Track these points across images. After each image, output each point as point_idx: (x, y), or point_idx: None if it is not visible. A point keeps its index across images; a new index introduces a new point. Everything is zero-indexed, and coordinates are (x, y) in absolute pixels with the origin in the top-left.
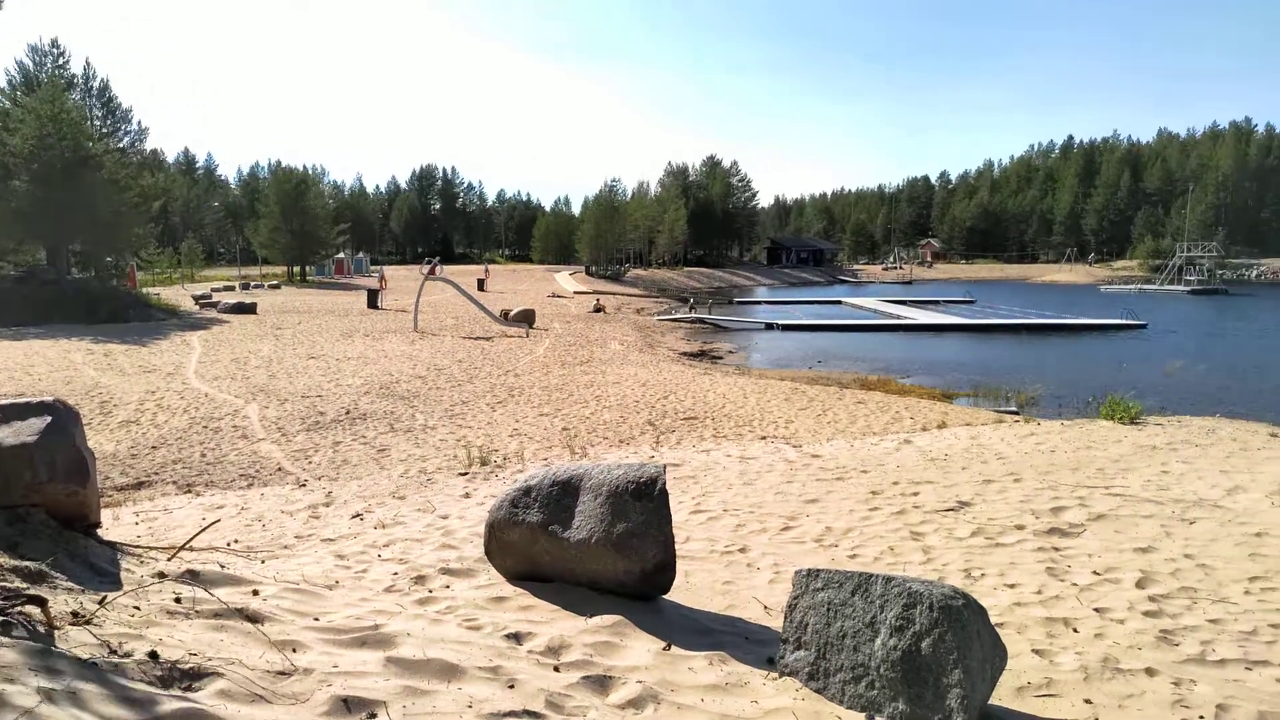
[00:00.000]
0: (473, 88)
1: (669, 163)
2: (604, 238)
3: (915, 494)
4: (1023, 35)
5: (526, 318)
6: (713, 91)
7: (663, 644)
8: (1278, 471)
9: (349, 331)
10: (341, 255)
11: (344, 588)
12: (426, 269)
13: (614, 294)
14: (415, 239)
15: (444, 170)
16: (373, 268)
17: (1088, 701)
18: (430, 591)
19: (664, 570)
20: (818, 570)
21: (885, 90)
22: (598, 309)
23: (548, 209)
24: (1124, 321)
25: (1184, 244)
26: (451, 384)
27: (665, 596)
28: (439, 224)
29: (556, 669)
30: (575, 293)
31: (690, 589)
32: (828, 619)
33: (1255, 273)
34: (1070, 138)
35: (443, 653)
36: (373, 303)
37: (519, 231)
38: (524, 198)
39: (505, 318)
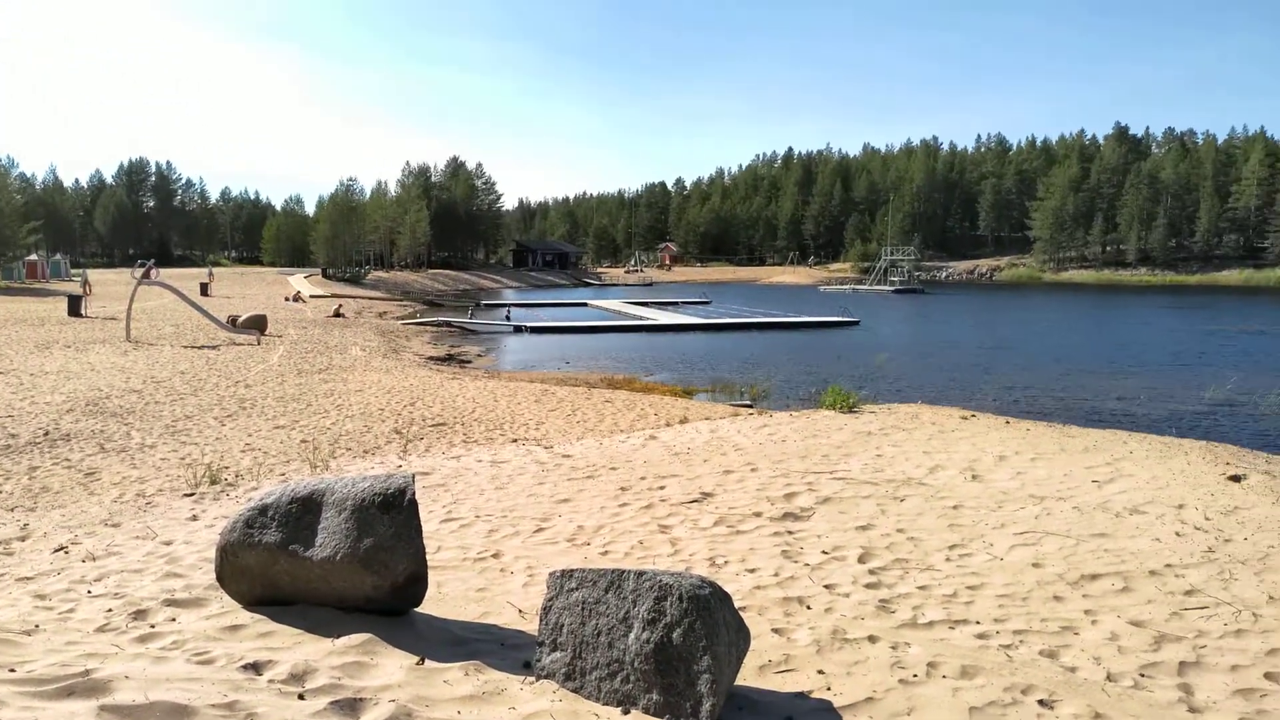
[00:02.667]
0: (188, 79)
1: (408, 163)
2: (341, 239)
3: (662, 488)
4: (749, 47)
5: (258, 324)
6: (448, 92)
7: (416, 659)
8: (969, 450)
9: (46, 342)
10: (34, 257)
11: (46, 631)
12: (139, 272)
13: (354, 297)
14: (125, 240)
15: (158, 165)
16: (74, 271)
17: (821, 672)
18: (153, 627)
19: (416, 583)
20: (571, 570)
21: (624, 97)
22: (337, 313)
23: (279, 208)
24: (840, 319)
25: (887, 248)
26: (173, 397)
27: (418, 609)
28: (153, 223)
29: (301, 697)
30: (312, 296)
31: (443, 599)
32: (583, 618)
33: (945, 274)
34: (790, 149)
35: (169, 693)
36: (75, 310)
37: (247, 232)
38: (252, 196)
39: (233, 324)
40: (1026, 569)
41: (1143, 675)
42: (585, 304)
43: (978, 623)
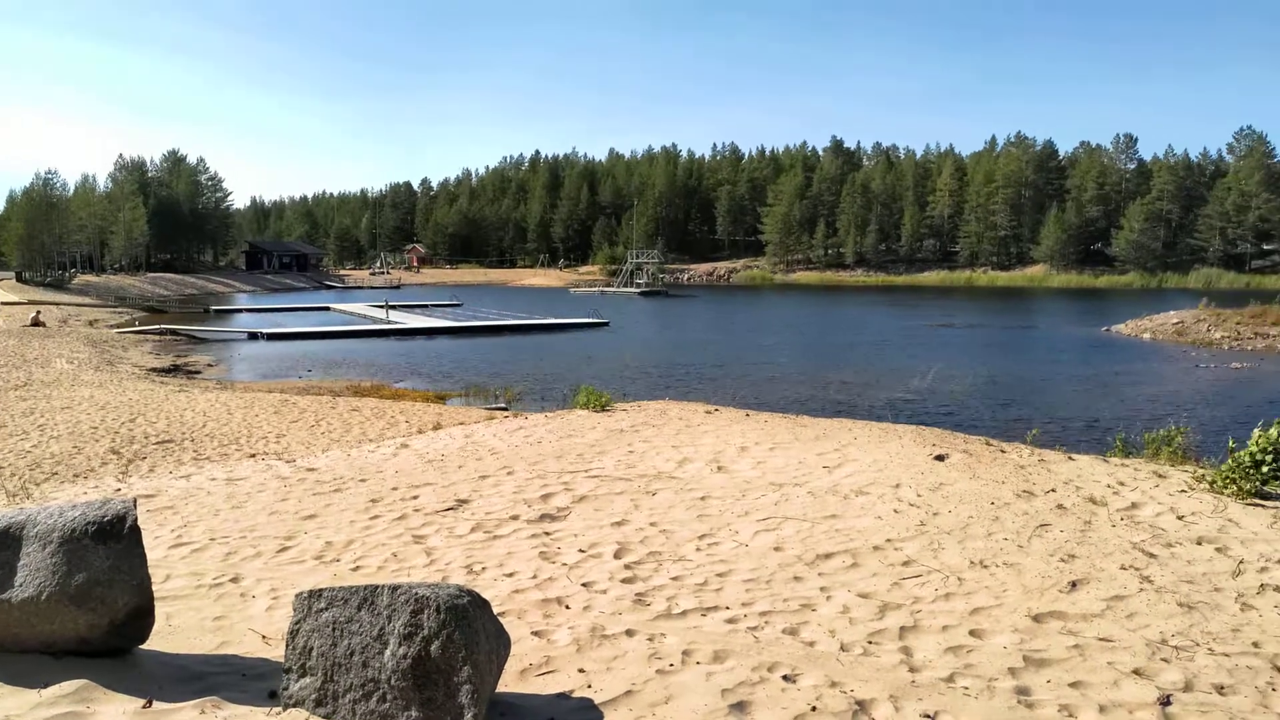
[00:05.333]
0: None
1: (121, 155)
2: (40, 239)
3: (415, 497)
4: (493, 48)
5: None
6: (165, 83)
7: (142, 701)
8: (714, 443)
9: None
10: None
11: None
12: None
13: (58, 304)
14: None
15: None
16: None
17: (581, 671)
18: None
19: (140, 617)
20: (320, 590)
21: (366, 92)
22: (36, 322)
23: None
24: (590, 320)
25: (633, 251)
26: None
27: (144, 646)
28: None
29: None
30: (3, 304)
31: (174, 633)
32: (334, 639)
33: (687, 276)
34: (538, 152)
35: None
36: None
37: None
38: None
39: None
40: (769, 553)
41: (870, 643)
42: (328, 308)
43: (727, 608)
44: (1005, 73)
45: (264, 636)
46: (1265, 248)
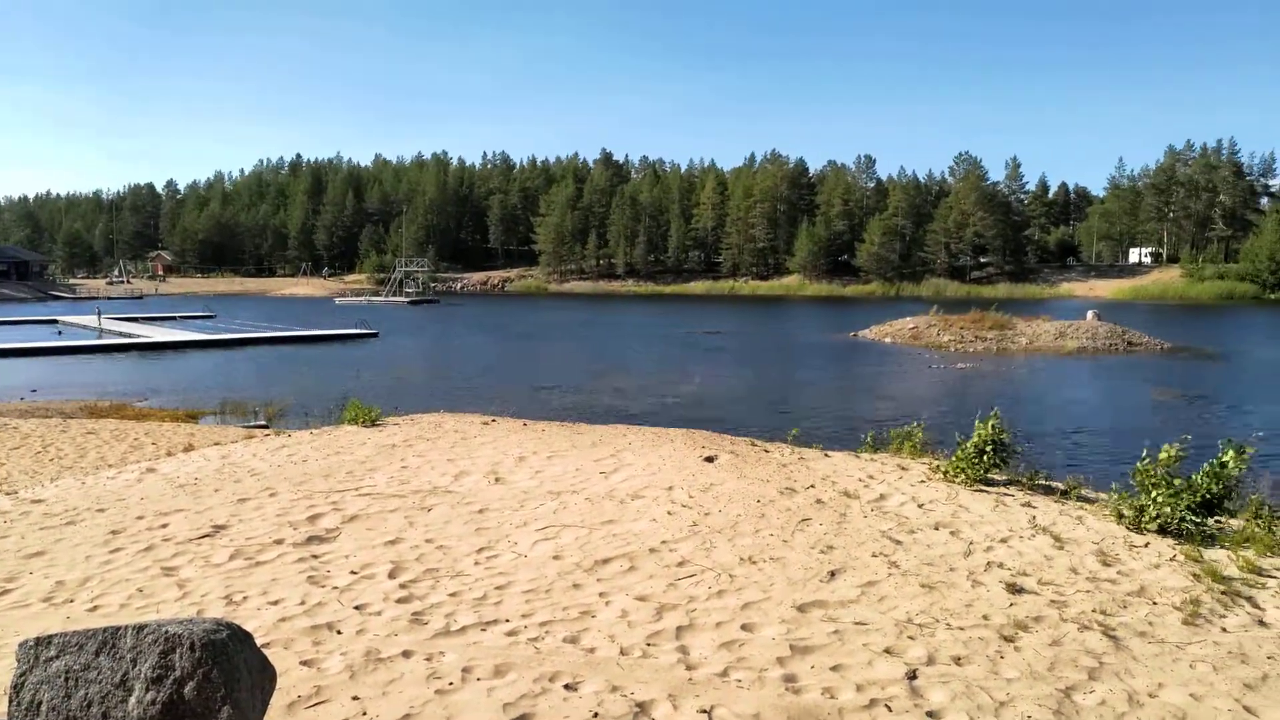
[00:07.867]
0: None
1: None
2: None
3: (165, 525)
4: (245, 45)
5: None
6: None
7: None
8: (491, 454)
9: None
10: None
11: None
12: None
13: None
14: None
15: None
16: None
17: (355, 698)
18: None
19: None
20: (49, 636)
21: (96, 81)
22: None
23: None
24: (358, 331)
25: (402, 260)
26: None
27: None
28: None
29: None
30: None
31: None
32: (67, 690)
33: (460, 285)
34: (299, 156)
35: None
36: None
37: None
38: None
39: None
40: (549, 562)
41: (649, 644)
42: (55, 321)
43: (507, 621)
44: (760, 93)
45: None
46: (982, 260)
